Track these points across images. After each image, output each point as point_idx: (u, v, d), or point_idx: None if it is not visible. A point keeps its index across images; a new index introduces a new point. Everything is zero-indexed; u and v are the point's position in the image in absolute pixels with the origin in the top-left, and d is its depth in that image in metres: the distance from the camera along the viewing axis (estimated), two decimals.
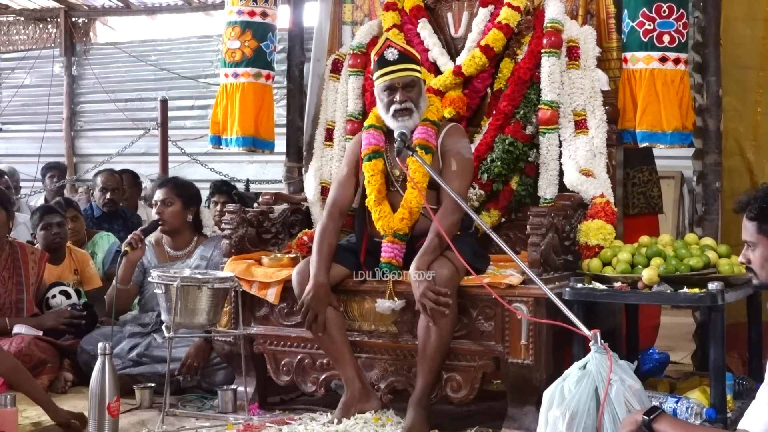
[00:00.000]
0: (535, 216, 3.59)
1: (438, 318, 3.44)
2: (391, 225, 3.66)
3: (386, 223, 3.67)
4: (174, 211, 4.47)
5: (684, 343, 5.01)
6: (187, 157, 8.92)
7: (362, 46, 4.49)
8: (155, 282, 3.75)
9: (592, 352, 2.66)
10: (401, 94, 3.71)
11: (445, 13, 4.46)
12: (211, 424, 3.75)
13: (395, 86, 3.71)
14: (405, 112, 3.71)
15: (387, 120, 3.77)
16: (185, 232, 4.53)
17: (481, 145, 4.09)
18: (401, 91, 3.71)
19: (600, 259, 3.60)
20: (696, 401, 3.24)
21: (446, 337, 3.49)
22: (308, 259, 3.75)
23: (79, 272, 5.09)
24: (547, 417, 2.63)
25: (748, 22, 4.36)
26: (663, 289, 3.36)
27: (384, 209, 3.70)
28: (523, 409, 3.49)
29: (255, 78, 4.67)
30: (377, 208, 3.71)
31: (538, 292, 3.31)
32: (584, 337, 2.76)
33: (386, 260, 3.65)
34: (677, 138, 3.98)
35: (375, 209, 3.71)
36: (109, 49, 10.69)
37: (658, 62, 3.97)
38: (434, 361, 3.49)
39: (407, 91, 3.72)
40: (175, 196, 4.49)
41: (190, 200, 4.55)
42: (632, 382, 2.62)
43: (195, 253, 4.46)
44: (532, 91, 4.11)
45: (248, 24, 4.66)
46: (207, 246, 4.45)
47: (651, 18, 3.96)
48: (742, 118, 4.39)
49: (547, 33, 4.10)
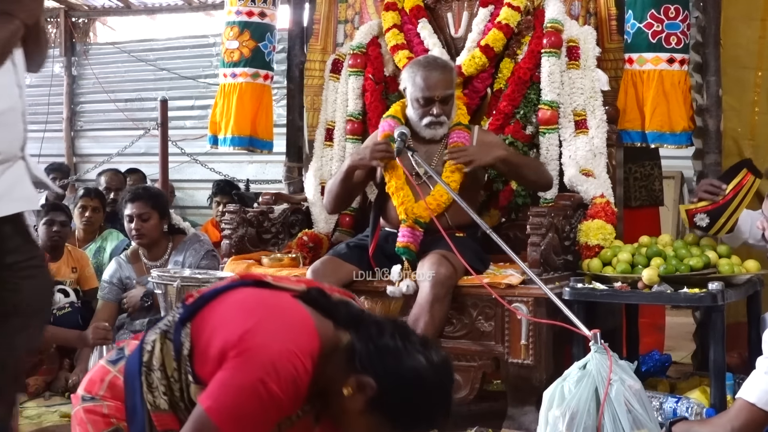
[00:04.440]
0: (535, 216, 3.59)
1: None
2: (414, 211, 3.67)
3: (409, 208, 3.68)
4: (152, 225, 4.51)
5: (684, 343, 5.02)
6: (187, 157, 8.91)
7: (362, 46, 4.49)
8: (155, 282, 3.75)
9: (592, 352, 2.66)
10: (438, 108, 3.77)
11: (445, 13, 4.46)
12: None
13: (434, 99, 3.76)
14: (438, 124, 3.79)
15: (417, 124, 3.83)
16: (161, 242, 4.58)
17: None
18: (438, 104, 3.76)
19: (600, 259, 3.61)
20: (696, 401, 3.24)
21: (439, 325, 3.48)
22: (323, 258, 3.75)
23: (77, 270, 5.09)
24: (547, 417, 2.63)
25: (747, 22, 4.36)
26: (663, 289, 3.37)
27: (406, 194, 3.71)
28: (523, 409, 3.50)
29: (253, 78, 4.67)
30: (399, 193, 3.72)
31: (538, 292, 3.31)
32: (584, 337, 2.76)
33: (403, 245, 3.65)
34: (684, 138, 4.02)
35: (397, 194, 3.72)
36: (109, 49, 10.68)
37: (666, 63, 3.99)
38: None
39: (443, 104, 3.78)
40: (151, 209, 4.51)
41: (164, 210, 4.60)
42: (632, 382, 2.62)
43: (170, 261, 4.49)
44: (532, 91, 4.11)
45: (246, 24, 4.66)
46: (179, 251, 4.50)
47: (659, 19, 3.97)
48: (740, 117, 4.39)
49: (547, 33, 4.11)
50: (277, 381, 1.72)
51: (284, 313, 1.81)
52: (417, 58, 4.07)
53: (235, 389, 1.72)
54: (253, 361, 1.72)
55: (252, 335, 1.75)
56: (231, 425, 1.72)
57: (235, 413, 1.72)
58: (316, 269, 3.67)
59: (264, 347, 1.73)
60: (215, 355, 1.77)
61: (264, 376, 1.71)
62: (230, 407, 1.72)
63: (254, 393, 1.71)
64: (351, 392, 1.82)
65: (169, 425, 1.85)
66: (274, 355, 1.72)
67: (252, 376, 1.71)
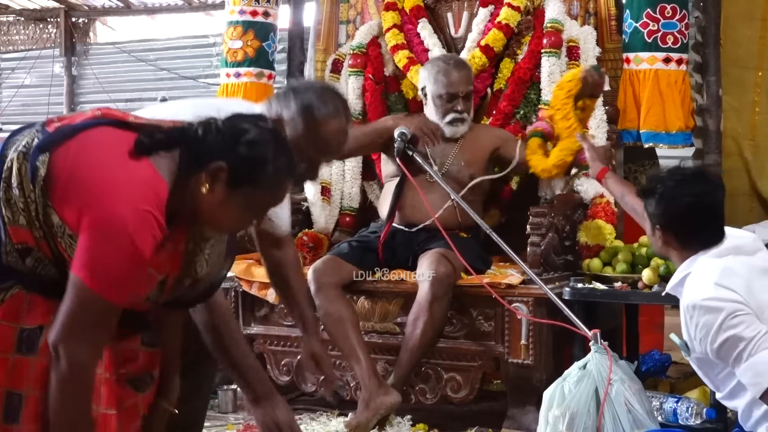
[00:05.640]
0: (535, 216, 3.59)
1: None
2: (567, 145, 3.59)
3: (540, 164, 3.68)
4: None
5: None
6: None
7: (362, 46, 4.49)
8: None
9: (592, 352, 2.67)
10: (462, 104, 3.80)
11: (445, 13, 4.46)
12: (212, 424, 3.74)
13: (458, 95, 3.79)
14: (461, 121, 3.83)
15: (438, 123, 3.86)
16: None
17: None
18: (462, 100, 3.79)
19: (600, 259, 3.61)
20: (696, 401, 3.24)
21: (438, 324, 3.49)
22: (324, 258, 3.75)
23: None
24: (547, 417, 2.64)
25: (747, 22, 4.36)
26: (663, 289, 3.36)
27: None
28: (523, 409, 3.50)
29: (257, 78, 4.67)
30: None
31: (538, 292, 3.31)
32: (584, 337, 2.76)
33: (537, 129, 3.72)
34: (680, 138, 4.00)
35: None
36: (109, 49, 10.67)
37: (662, 63, 3.98)
38: (418, 354, 3.49)
39: (466, 100, 3.81)
40: None
41: None
42: (632, 382, 2.62)
43: None
44: (532, 91, 4.12)
45: (251, 24, 4.65)
46: None
47: (655, 19, 3.96)
48: (741, 117, 4.39)
49: (547, 33, 4.11)
50: (140, 240, 1.80)
51: (134, 169, 1.87)
52: (435, 57, 4.08)
53: (102, 255, 1.80)
54: (112, 227, 1.80)
55: (105, 199, 1.82)
56: (111, 290, 1.82)
57: (110, 277, 1.81)
58: (317, 269, 3.66)
59: (116, 213, 1.80)
60: (74, 209, 1.83)
61: (126, 238, 1.79)
62: (104, 273, 1.80)
63: (122, 255, 1.80)
64: (207, 186, 1.89)
65: (25, 240, 1.90)
66: (130, 217, 1.80)
67: (115, 240, 1.80)
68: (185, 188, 1.90)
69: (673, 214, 2.45)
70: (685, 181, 2.47)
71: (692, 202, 2.43)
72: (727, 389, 2.41)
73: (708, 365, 2.42)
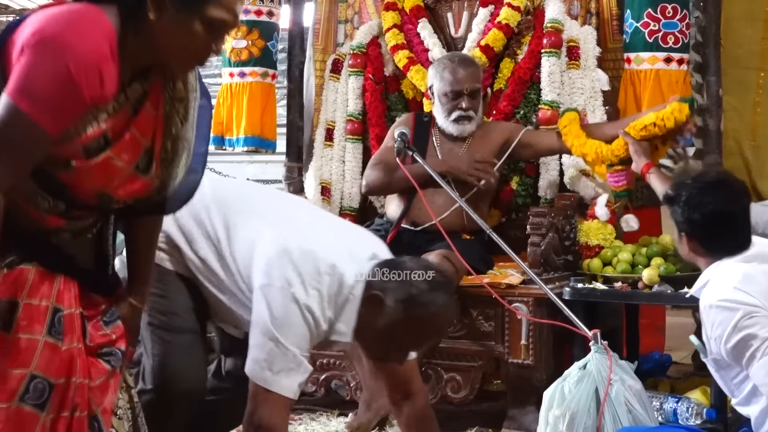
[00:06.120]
0: (535, 216, 3.59)
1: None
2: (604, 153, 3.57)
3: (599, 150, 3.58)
4: None
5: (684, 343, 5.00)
6: None
7: (362, 46, 4.49)
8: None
9: (592, 352, 2.66)
10: (467, 101, 3.77)
11: (445, 13, 4.46)
12: None
13: (463, 92, 3.76)
14: (467, 119, 3.79)
15: (444, 123, 3.83)
16: None
17: None
18: (467, 98, 3.76)
19: (600, 259, 3.61)
20: (696, 401, 3.24)
21: None
22: None
23: None
24: (547, 417, 2.63)
25: (748, 22, 4.35)
26: (663, 289, 3.36)
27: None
28: (523, 409, 3.49)
29: (262, 77, 4.66)
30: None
31: (538, 292, 3.31)
32: (584, 337, 2.76)
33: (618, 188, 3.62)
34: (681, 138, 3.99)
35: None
36: None
37: (663, 63, 3.98)
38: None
39: (472, 98, 3.78)
40: None
41: None
42: (632, 382, 2.62)
43: None
44: (532, 91, 4.12)
45: (255, 23, 4.64)
46: None
47: (656, 18, 3.96)
48: (742, 118, 4.39)
49: (547, 33, 4.11)
50: (76, 62, 1.72)
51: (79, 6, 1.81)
52: (443, 56, 4.07)
53: (35, 72, 1.72)
54: (51, 46, 1.73)
55: (47, 25, 1.76)
56: (37, 108, 1.72)
57: (39, 95, 1.72)
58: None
59: (60, 33, 1.74)
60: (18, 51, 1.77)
61: (64, 57, 1.72)
62: (33, 90, 1.72)
63: (56, 74, 1.72)
64: (154, 12, 1.80)
65: None
66: (71, 38, 1.73)
67: (51, 58, 1.72)
68: (135, 26, 1.82)
69: (696, 222, 2.46)
70: (707, 189, 2.48)
71: (715, 210, 2.44)
72: (742, 394, 2.41)
73: (724, 368, 2.43)
